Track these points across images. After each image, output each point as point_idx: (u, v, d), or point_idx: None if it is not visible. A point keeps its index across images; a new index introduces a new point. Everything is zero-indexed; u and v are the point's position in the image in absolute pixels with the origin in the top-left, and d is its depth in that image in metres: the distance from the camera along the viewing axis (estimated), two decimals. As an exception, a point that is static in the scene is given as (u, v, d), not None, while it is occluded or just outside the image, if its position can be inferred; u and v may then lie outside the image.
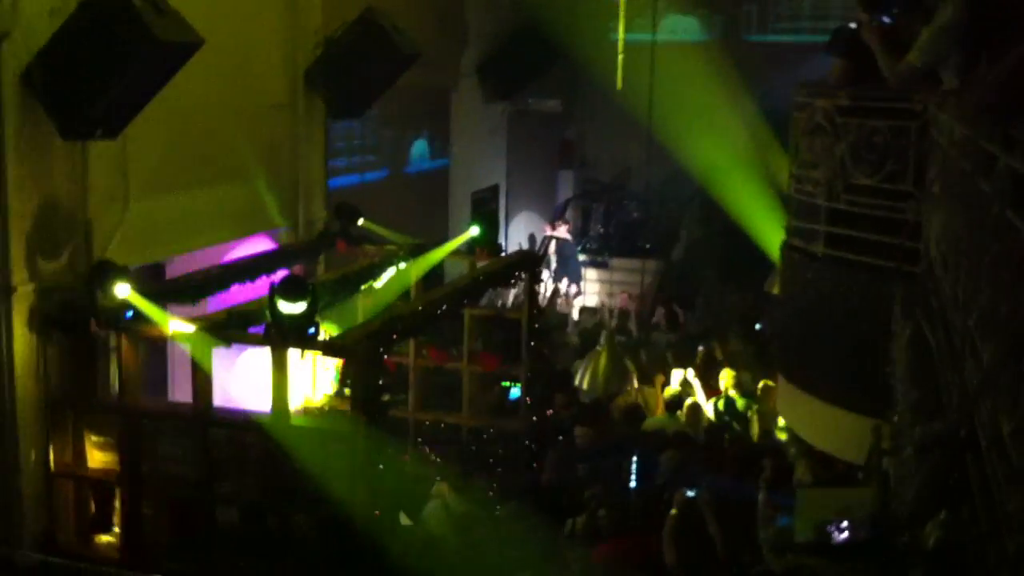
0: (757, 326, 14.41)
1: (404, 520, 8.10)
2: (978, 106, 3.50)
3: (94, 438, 7.47)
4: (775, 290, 13.86)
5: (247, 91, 9.76)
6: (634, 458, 9.15)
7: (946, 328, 4.33)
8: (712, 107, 17.25)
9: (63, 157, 7.42)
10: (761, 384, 10.97)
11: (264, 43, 10.13)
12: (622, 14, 16.58)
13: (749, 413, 10.97)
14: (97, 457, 7.48)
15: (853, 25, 7.44)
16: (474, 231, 10.32)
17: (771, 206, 15.08)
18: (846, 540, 6.06)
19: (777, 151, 16.07)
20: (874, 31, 7.04)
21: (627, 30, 17.37)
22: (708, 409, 11.16)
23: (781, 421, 9.93)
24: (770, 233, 13.19)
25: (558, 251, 18.48)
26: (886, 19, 7.08)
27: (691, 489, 8.39)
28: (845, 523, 5.61)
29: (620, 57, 16.58)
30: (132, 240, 8.09)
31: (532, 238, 19.08)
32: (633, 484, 9.09)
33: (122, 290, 7.10)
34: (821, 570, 5.88)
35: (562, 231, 18.77)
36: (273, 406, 6.92)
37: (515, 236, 18.60)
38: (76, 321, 7.29)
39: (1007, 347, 2.45)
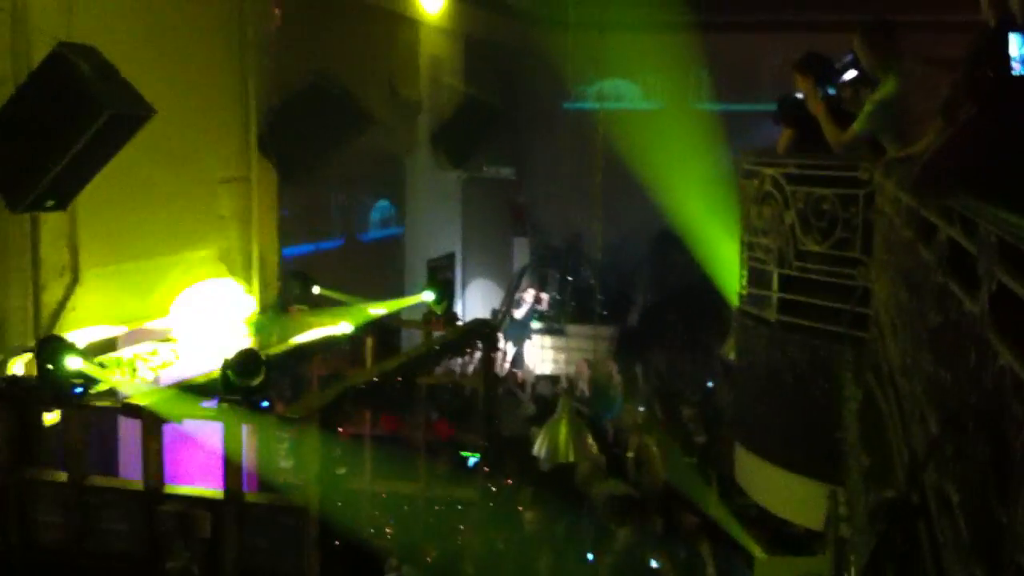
0: (709, 384, 14.52)
1: None
2: (916, 178, 3.58)
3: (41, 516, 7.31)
4: (730, 355, 14.01)
5: (199, 160, 9.75)
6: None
7: (896, 394, 4.37)
8: (664, 171, 17.49)
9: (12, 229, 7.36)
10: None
11: (217, 110, 10.15)
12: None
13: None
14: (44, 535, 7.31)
15: (799, 95, 7.60)
16: (428, 296, 10.30)
17: (725, 268, 15.25)
18: (803, 609, 6.07)
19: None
20: (819, 102, 7.21)
21: (576, 98, 17.64)
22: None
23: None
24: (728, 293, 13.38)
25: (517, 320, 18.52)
26: (830, 90, 7.27)
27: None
28: (801, 591, 5.62)
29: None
30: (83, 313, 7.99)
31: (495, 313, 19.03)
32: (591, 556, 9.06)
33: (73, 363, 6.99)
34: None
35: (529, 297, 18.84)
36: (226, 481, 6.81)
37: (471, 303, 18.61)
38: (23, 396, 7.16)
39: (950, 417, 2.47)
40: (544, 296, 19.07)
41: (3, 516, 7.24)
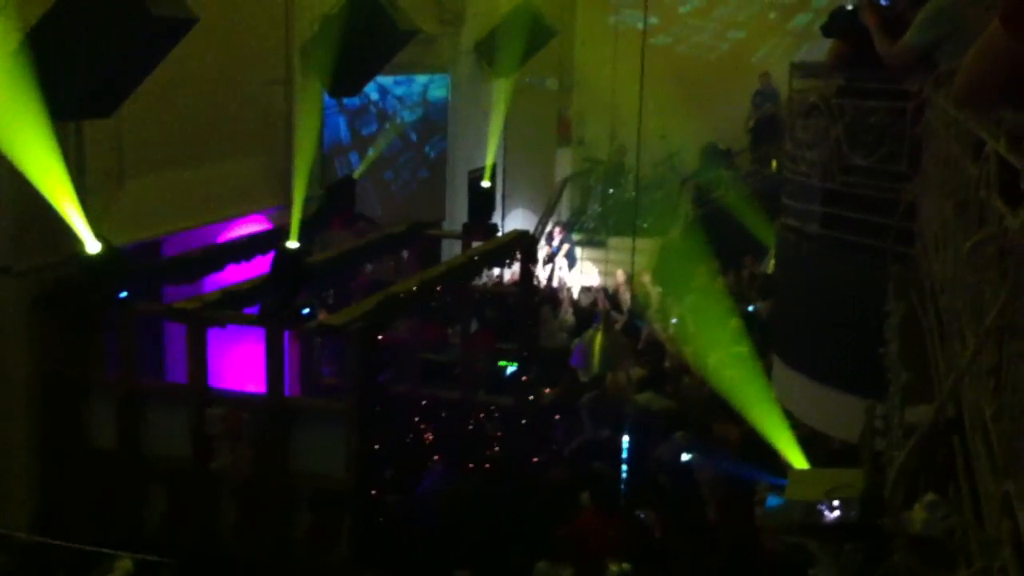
0: (750, 308, 14.48)
1: None
2: (955, 89, 3.50)
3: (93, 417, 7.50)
4: (770, 270, 13.96)
5: (242, 68, 9.74)
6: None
7: (937, 310, 4.34)
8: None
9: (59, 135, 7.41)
10: None
11: (259, 20, 10.10)
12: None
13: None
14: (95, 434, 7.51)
15: (850, 7, 7.43)
16: None
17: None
18: (836, 521, 6.11)
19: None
20: (873, 12, 7.04)
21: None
22: None
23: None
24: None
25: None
26: (884, 1, 7.09)
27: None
28: (836, 503, 5.66)
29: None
30: (127, 219, 8.08)
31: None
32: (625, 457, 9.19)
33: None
34: (814, 551, 5.93)
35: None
36: (269, 385, 6.95)
37: (512, 215, 18.58)
38: (73, 300, 7.29)
39: (988, 331, 2.46)
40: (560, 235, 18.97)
41: (58, 416, 7.44)
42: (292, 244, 7.16)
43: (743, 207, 17.23)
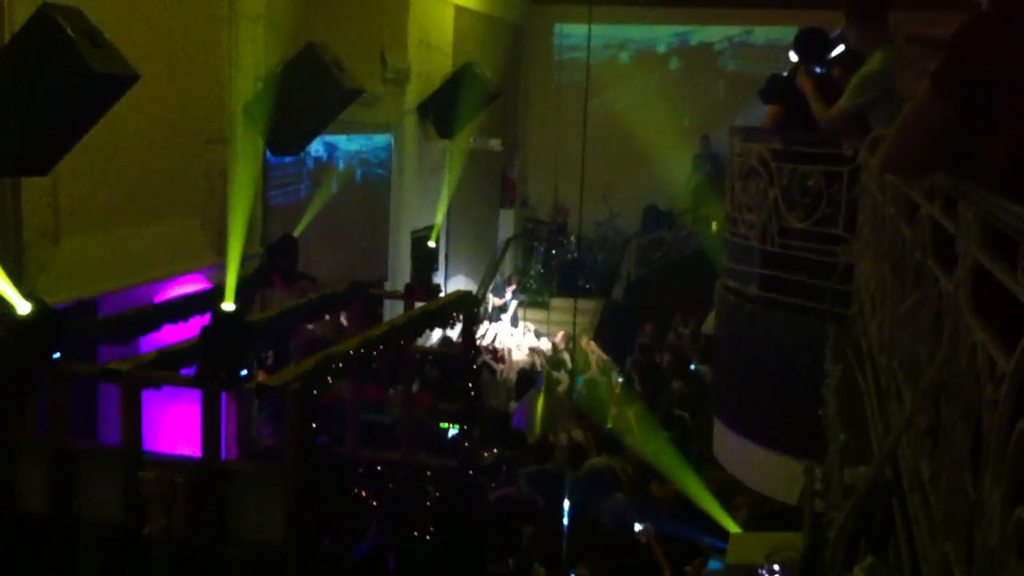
0: (692, 367, 14.58)
1: None
2: (881, 156, 3.58)
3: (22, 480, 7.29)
4: (706, 329, 14.11)
5: (183, 126, 9.69)
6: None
7: (874, 371, 4.38)
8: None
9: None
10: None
11: (201, 78, 10.07)
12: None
13: None
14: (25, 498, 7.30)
15: (785, 73, 7.61)
16: None
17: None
18: (777, 583, 6.10)
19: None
20: (808, 77, 7.21)
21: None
22: None
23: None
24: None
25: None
26: (819, 69, 7.27)
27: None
28: (776, 567, 5.64)
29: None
30: (63, 277, 7.95)
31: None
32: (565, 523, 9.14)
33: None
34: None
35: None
36: (205, 448, 6.81)
37: (455, 275, 18.59)
38: (2, 361, 7.12)
39: (925, 392, 2.48)
40: (512, 287, 19.05)
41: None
42: (228, 306, 7.06)
43: (684, 267, 17.43)
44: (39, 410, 7.41)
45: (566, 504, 9.14)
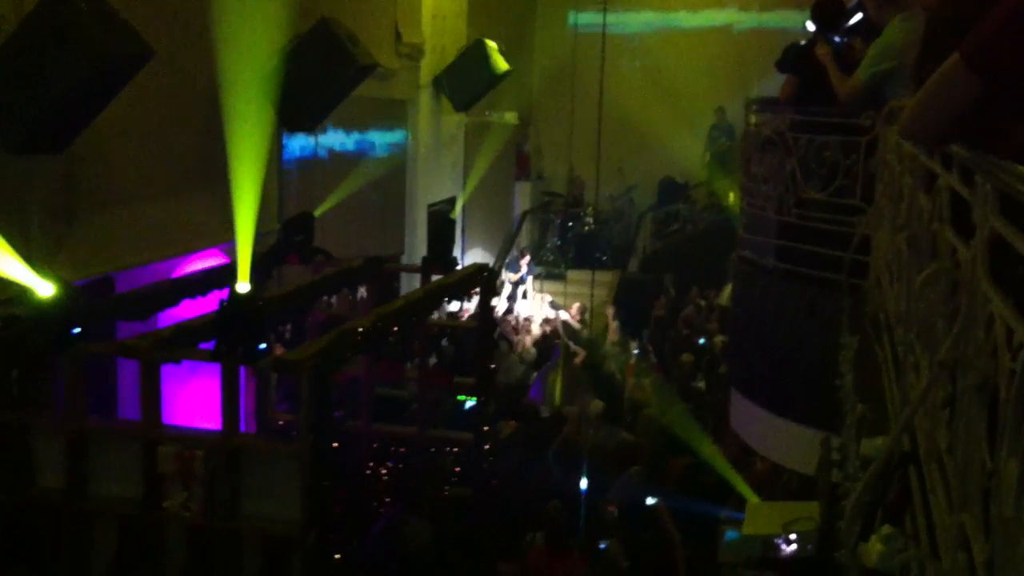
0: (701, 341, 14.57)
1: None
2: (901, 124, 3.54)
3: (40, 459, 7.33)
4: (724, 301, 14.09)
5: (198, 103, 9.67)
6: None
7: (891, 342, 4.37)
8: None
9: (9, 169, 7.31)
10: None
11: (216, 54, 10.04)
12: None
13: None
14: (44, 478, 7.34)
15: (803, 43, 7.53)
16: None
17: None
18: (793, 554, 6.10)
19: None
20: (826, 47, 7.14)
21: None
22: None
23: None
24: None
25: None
26: (837, 39, 7.20)
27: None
28: (792, 537, 5.65)
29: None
30: (79, 255, 7.97)
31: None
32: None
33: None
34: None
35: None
36: (224, 422, 6.84)
37: (471, 249, 18.59)
38: (20, 337, 7.15)
39: (942, 363, 2.47)
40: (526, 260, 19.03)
41: (2, 459, 7.27)
42: (243, 287, 7.06)
43: (700, 240, 17.37)
44: (57, 387, 7.45)
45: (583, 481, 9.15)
